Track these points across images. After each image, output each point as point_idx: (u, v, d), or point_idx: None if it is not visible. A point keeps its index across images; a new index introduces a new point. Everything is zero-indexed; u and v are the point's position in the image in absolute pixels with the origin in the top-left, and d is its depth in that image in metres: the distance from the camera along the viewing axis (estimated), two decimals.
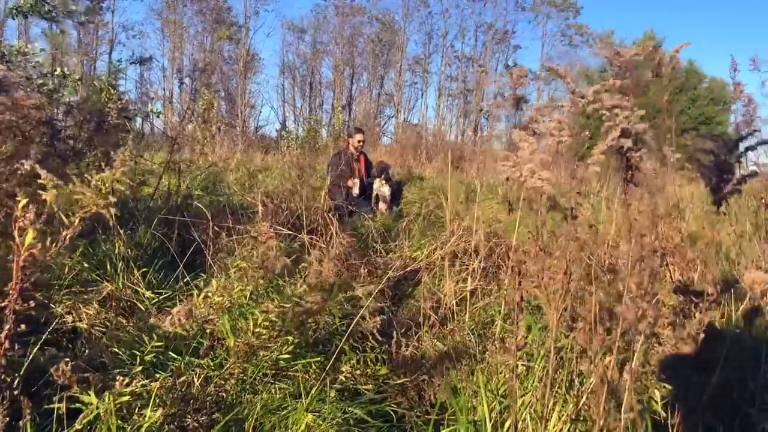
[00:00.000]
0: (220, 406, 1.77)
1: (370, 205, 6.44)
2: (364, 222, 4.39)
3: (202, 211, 3.02)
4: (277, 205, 3.41)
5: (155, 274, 2.87)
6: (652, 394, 1.53)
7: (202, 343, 2.03)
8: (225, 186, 5.44)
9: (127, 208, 3.66)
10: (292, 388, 1.84)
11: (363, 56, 35.11)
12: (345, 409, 1.74)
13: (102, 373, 1.87)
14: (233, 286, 2.02)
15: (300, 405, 1.70)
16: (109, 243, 2.99)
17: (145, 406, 1.60)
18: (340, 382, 1.93)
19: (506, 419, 1.36)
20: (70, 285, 2.62)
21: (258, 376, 1.88)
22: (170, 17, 31.40)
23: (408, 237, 3.78)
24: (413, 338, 2.32)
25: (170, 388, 1.79)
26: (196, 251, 2.88)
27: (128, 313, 2.58)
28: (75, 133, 3.19)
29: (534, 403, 1.32)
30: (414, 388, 1.94)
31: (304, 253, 2.84)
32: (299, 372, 1.93)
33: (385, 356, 2.13)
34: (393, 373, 2.05)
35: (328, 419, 1.66)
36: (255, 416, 1.69)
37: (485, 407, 1.34)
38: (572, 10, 33.31)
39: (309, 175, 5.68)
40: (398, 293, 3.04)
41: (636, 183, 1.44)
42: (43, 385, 1.62)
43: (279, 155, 10.37)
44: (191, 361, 1.94)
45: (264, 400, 1.77)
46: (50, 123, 3.18)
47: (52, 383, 1.55)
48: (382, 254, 3.48)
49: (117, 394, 1.48)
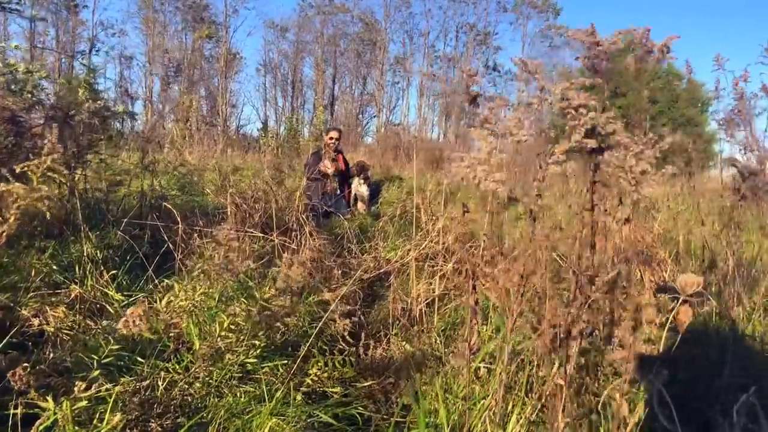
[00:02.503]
0: (184, 410, 1.76)
1: (348, 206, 6.45)
2: (340, 223, 4.39)
3: (173, 212, 2.99)
4: (250, 206, 3.39)
5: (125, 276, 2.84)
6: (613, 395, 1.55)
7: (168, 346, 2.01)
8: (200, 186, 5.39)
9: (99, 208, 3.62)
10: (258, 391, 1.83)
11: (345, 55, 35.07)
12: (310, 413, 1.74)
13: (66, 377, 1.85)
14: (195, 289, 2.00)
15: (264, 409, 1.69)
16: (78, 244, 2.95)
17: (106, 411, 1.58)
18: (307, 385, 1.93)
19: (465, 423, 1.37)
20: (38, 287, 2.58)
21: (224, 379, 1.87)
22: (149, 15, 31.02)
23: (383, 238, 3.78)
24: (382, 341, 2.32)
25: (134, 392, 1.78)
26: (167, 253, 2.85)
27: (97, 315, 2.55)
28: (41, 132, 3.13)
29: (493, 407, 1.33)
30: (381, 391, 1.94)
31: (276, 255, 2.83)
32: (266, 375, 1.92)
33: (354, 359, 2.13)
34: (360, 376, 2.04)
35: (293, 423, 1.65)
36: (219, 420, 1.68)
37: (443, 411, 1.35)
38: (552, 11, 33.62)
39: (287, 175, 5.66)
40: (371, 294, 3.05)
41: (604, 183, 1.46)
42: (1, 390, 1.59)
43: (259, 155, 10.33)
44: (156, 365, 1.92)
45: (229, 403, 1.76)
46: (14, 120, 3.12)
47: (10, 389, 1.52)
48: (356, 255, 3.48)
49: (74, 399, 1.45)
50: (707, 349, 2.05)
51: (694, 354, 2.02)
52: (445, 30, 35.24)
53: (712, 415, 1.64)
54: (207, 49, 32.45)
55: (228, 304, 2.06)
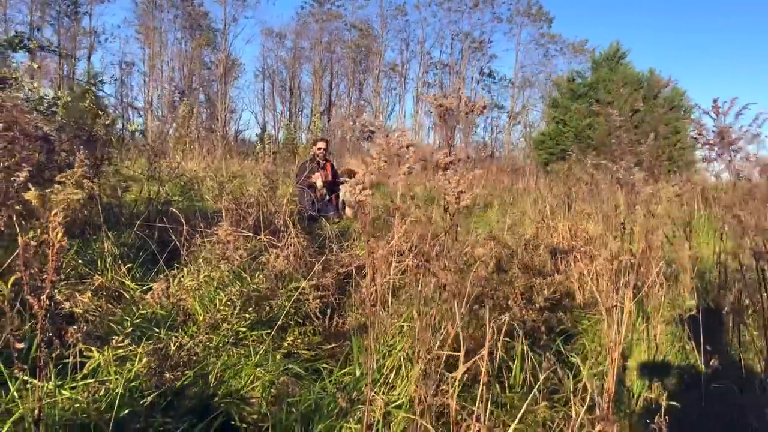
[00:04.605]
0: (190, 365, 2.32)
1: (336, 210, 7.04)
2: (324, 225, 4.96)
3: (179, 216, 3.56)
4: (244, 210, 3.97)
5: (138, 269, 3.41)
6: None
7: (176, 319, 2.59)
8: (200, 192, 5.98)
9: (113, 212, 4.20)
10: (246, 352, 2.40)
11: (341, 62, 35.74)
12: (286, 366, 2.31)
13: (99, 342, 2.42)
14: (200, 272, 2.58)
15: (251, 362, 2.26)
16: (98, 243, 3.52)
17: (134, 363, 2.15)
18: (285, 347, 2.51)
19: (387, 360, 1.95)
20: (68, 278, 3.14)
21: (221, 343, 2.44)
22: (148, 23, 31.64)
23: (361, 238, 4.36)
24: (345, 317, 2.91)
25: (153, 351, 2.35)
26: (173, 250, 3.43)
27: (116, 300, 3.11)
28: (67, 148, 3.71)
29: (405, 349, 1.91)
30: (341, 353, 2.52)
31: (265, 252, 3.41)
32: (254, 341, 2.50)
33: (321, 329, 2.72)
34: (326, 341, 2.63)
35: (272, 372, 2.23)
36: (217, 371, 2.25)
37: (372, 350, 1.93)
38: (545, 20, 34.35)
39: (281, 182, 6.25)
40: (347, 283, 3.62)
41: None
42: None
43: (255, 162, 10.91)
44: (168, 334, 2.49)
45: (224, 360, 2.33)
46: (45, 138, 3.71)
47: (64, 345, 2.08)
48: (336, 253, 4.05)
49: (114, 348, 2.03)
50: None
51: None
52: (440, 38, 36.00)
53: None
54: (205, 55, 33.08)
55: (226, 286, 2.63)
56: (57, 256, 1.64)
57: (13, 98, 3.30)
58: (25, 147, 3.30)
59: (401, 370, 2.01)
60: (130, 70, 32.98)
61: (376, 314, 1.75)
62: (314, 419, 1.84)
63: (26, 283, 1.59)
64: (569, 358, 2.61)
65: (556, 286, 2.95)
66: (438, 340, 1.75)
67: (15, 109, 3.38)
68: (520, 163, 23.19)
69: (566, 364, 2.59)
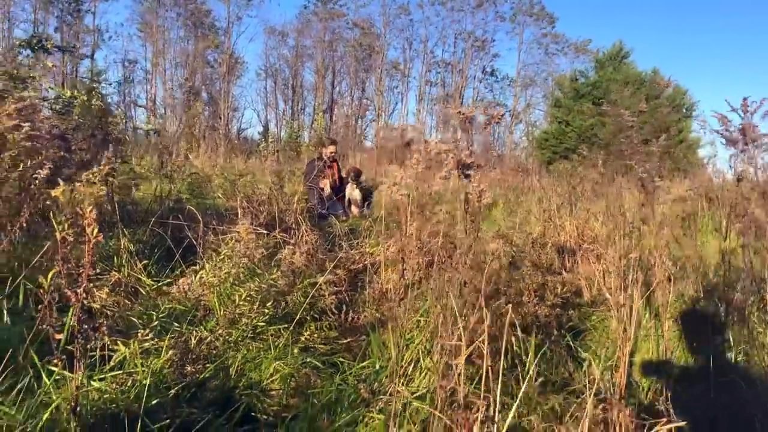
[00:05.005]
0: (210, 359, 2.39)
1: (342, 208, 7.12)
2: (334, 223, 5.03)
3: (194, 213, 3.63)
4: (255, 208, 4.04)
5: (153, 266, 3.48)
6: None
7: (197, 314, 2.65)
8: (210, 190, 6.05)
9: (127, 210, 4.27)
10: (265, 346, 2.47)
11: (344, 60, 35.81)
12: (304, 359, 2.38)
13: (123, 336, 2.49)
14: (221, 269, 2.65)
15: (270, 356, 2.33)
16: (115, 239, 3.58)
17: (157, 357, 2.22)
18: (302, 342, 2.58)
19: (406, 353, 2.02)
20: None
21: (240, 337, 2.51)
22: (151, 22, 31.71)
23: (369, 236, 4.42)
24: (360, 312, 2.98)
25: (174, 345, 2.41)
26: (187, 247, 3.49)
27: (133, 296, 3.18)
28: (84, 146, 3.78)
29: (423, 342, 1.98)
30: (357, 347, 2.58)
31: (278, 248, 3.47)
32: (272, 336, 2.56)
33: (337, 324, 2.79)
34: (342, 336, 2.70)
35: (291, 365, 2.29)
36: (237, 365, 2.32)
37: (392, 344, 1.99)
38: (548, 19, 34.38)
39: (288, 180, 6.33)
40: (358, 280, 3.69)
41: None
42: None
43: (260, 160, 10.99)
44: (189, 328, 2.56)
45: (243, 354, 2.40)
46: (63, 137, 3.78)
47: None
48: (346, 250, 4.12)
49: (140, 341, 2.10)
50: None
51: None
52: (443, 37, 36.05)
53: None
54: (209, 53, 33.14)
55: (243, 282, 2.70)
56: (92, 251, 1.71)
57: (33, 98, 3.38)
58: (44, 146, 3.38)
59: (419, 363, 2.09)
60: (133, 68, 33.09)
61: (395, 308, 1.82)
62: (337, 409, 1.91)
63: (65, 277, 1.66)
64: (579, 353, 2.69)
65: (567, 284, 3.02)
66: (456, 334, 1.81)
67: (33, 108, 3.46)
68: (522, 163, 23.21)
69: (575, 359, 2.67)
